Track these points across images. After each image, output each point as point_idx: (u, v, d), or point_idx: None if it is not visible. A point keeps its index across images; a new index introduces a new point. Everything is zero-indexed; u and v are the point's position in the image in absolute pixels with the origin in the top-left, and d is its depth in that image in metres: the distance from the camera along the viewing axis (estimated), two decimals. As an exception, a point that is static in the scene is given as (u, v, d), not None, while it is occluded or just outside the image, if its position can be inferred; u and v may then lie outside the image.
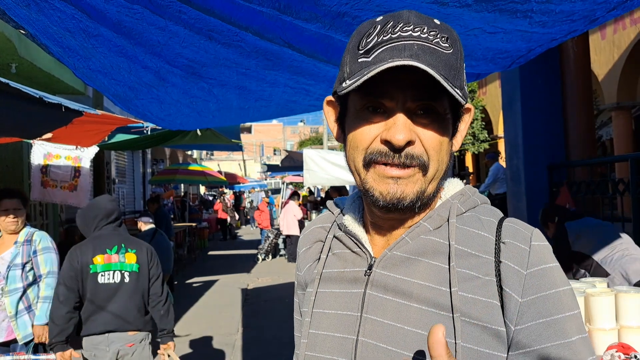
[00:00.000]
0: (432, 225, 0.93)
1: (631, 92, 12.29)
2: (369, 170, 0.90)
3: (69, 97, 8.40)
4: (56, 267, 3.98)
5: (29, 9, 1.77)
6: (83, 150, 7.68)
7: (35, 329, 3.80)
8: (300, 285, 1.13)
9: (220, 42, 2.21)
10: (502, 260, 0.88)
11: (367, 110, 0.89)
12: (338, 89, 0.90)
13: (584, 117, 5.51)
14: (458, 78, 0.86)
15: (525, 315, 0.86)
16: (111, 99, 3.21)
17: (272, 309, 8.01)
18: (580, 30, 2.07)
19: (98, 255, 3.44)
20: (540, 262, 0.88)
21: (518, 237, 0.90)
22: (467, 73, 2.87)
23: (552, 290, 0.87)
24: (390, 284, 0.92)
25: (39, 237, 3.96)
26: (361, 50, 0.87)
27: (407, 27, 0.84)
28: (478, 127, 18.56)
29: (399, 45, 0.83)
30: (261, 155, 59.99)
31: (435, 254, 0.91)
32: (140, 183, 17.10)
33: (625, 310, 2.22)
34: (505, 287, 0.87)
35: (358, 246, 0.98)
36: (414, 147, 0.87)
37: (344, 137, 0.96)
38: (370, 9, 1.78)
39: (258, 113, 4.09)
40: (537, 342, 0.85)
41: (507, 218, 0.96)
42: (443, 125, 0.89)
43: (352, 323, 0.93)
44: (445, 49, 0.85)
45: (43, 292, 3.87)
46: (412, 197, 0.88)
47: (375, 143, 0.88)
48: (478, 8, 1.74)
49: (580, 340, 0.86)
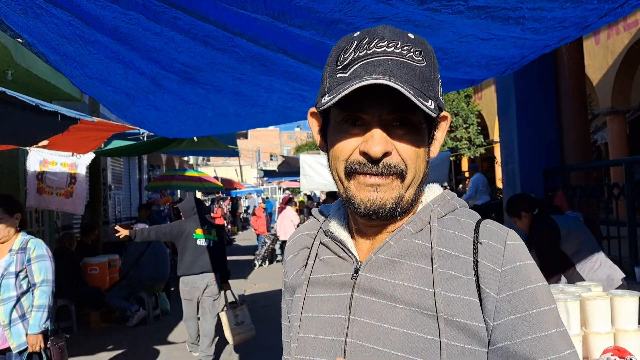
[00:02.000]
0: (414, 229, 0.98)
1: (625, 96, 12.35)
2: (350, 180, 0.95)
3: (65, 103, 8.40)
4: (50, 275, 3.90)
5: (26, 16, 1.78)
6: (79, 157, 7.67)
7: (29, 338, 3.74)
8: (287, 291, 1.16)
9: (215, 47, 2.23)
10: (479, 259, 0.93)
11: (346, 123, 0.93)
12: (318, 104, 0.95)
13: (579, 121, 5.54)
14: (432, 89, 0.91)
15: (501, 311, 0.89)
16: (108, 107, 3.22)
17: (269, 315, 7.99)
18: (572, 36, 2.09)
19: (198, 229, 5.79)
20: (514, 260, 0.92)
21: (494, 237, 0.95)
22: (462, 79, 2.90)
23: (527, 287, 0.90)
24: (376, 286, 0.95)
25: (34, 245, 3.89)
26: (339, 66, 0.92)
27: (381, 43, 0.89)
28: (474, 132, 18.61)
29: (374, 61, 0.88)
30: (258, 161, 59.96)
31: (418, 256, 0.95)
32: (137, 189, 17.07)
33: (620, 314, 2.23)
34: (482, 285, 0.91)
35: (344, 251, 1.02)
36: (391, 158, 0.91)
37: (327, 147, 1.01)
38: (363, 15, 1.80)
39: (254, 120, 4.10)
40: (513, 337, 0.88)
41: (484, 220, 1.00)
42: (419, 135, 0.94)
43: (341, 325, 0.96)
44: (418, 62, 0.89)
45: (37, 301, 3.79)
46: (392, 203, 0.93)
47: (354, 154, 0.93)
48: (470, 15, 1.76)
49: (557, 334, 0.89)
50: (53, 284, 3.89)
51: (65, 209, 7.91)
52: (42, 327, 3.73)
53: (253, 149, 61.25)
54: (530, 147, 5.54)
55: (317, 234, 1.10)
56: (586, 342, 2.21)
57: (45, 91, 8.31)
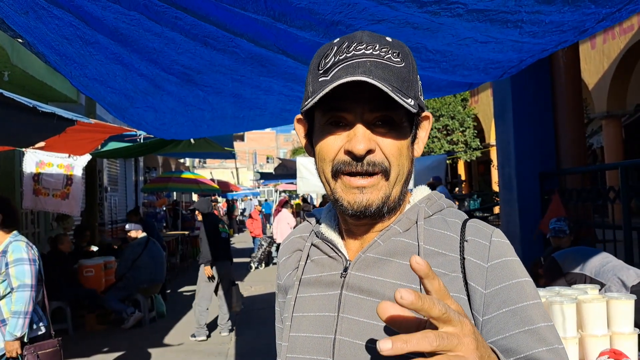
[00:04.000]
0: (402, 228, 1.00)
1: (621, 101, 12.43)
2: (337, 181, 0.97)
3: (61, 105, 8.38)
4: (29, 279, 3.67)
5: (27, 16, 1.78)
6: (75, 159, 7.66)
7: (6, 344, 3.57)
8: (280, 293, 1.18)
9: (215, 48, 2.23)
10: (466, 257, 0.95)
11: (330, 125, 0.97)
12: (303, 106, 0.97)
13: (575, 125, 5.57)
14: (411, 89, 0.94)
15: (490, 305, 0.91)
16: (106, 107, 3.21)
17: (265, 318, 7.98)
18: (570, 40, 2.11)
19: (220, 224, 7.48)
20: (500, 255, 0.95)
21: (479, 235, 0.97)
22: (460, 82, 2.91)
23: (514, 281, 0.92)
24: (364, 284, 0.97)
25: (12, 249, 3.70)
26: (321, 70, 0.94)
27: (360, 46, 0.92)
28: (470, 135, 18.68)
29: (354, 63, 0.91)
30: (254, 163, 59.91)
31: (405, 254, 0.97)
32: (133, 191, 17.02)
33: (617, 317, 2.24)
34: (470, 281, 0.93)
35: (334, 251, 1.04)
36: (374, 155, 0.94)
37: (313, 151, 1.03)
38: (363, 17, 1.81)
39: (253, 122, 4.10)
40: (505, 330, 0.90)
41: (470, 219, 1.03)
42: (401, 133, 0.96)
43: (330, 323, 0.98)
44: (396, 63, 0.92)
45: (14, 307, 3.61)
46: (378, 202, 0.95)
47: (340, 154, 0.95)
48: (469, 18, 1.77)
49: (546, 327, 0.91)
50: (32, 290, 3.70)
51: (61, 210, 7.89)
52: (17, 333, 3.58)
53: (249, 151, 61.24)
54: (526, 151, 5.56)
55: (309, 236, 1.13)
56: (582, 345, 2.22)
57: (42, 92, 8.30)
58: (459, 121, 18.52)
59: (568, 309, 2.17)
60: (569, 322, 2.17)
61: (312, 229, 1.14)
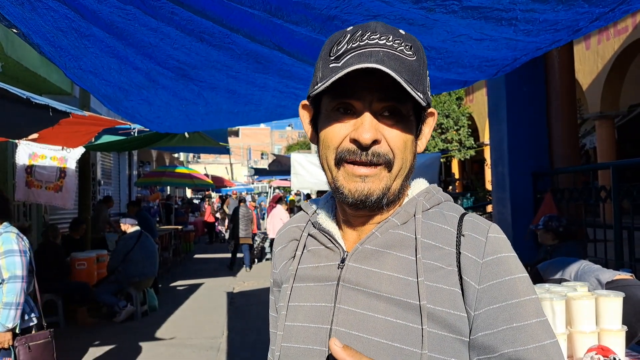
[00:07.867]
0: (400, 221, 1.00)
1: (614, 101, 12.50)
2: (339, 169, 0.97)
3: (55, 97, 8.34)
4: (20, 271, 3.70)
5: (22, 7, 1.78)
6: (69, 151, 7.62)
7: None
8: (276, 283, 1.18)
9: (211, 44, 2.23)
10: (461, 251, 0.95)
11: (337, 111, 0.96)
12: (311, 91, 0.97)
13: (568, 125, 5.60)
14: (421, 83, 0.93)
15: (482, 301, 0.92)
16: (100, 99, 3.20)
17: (257, 313, 7.99)
18: (564, 39, 2.13)
19: None
20: (495, 251, 0.95)
21: (476, 230, 0.98)
22: (455, 80, 2.93)
23: (507, 277, 0.93)
24: (361, 275, 0.98)
25: (2, 240, 3.70)
26: (332, 57, 0.94)
27: (374, 36, 0.92)
28: (465, 134, 18.71)
29: (366, 51, 0.90)
30: (248, 159, 59.80)
31: (402, 246, 0.98)
32: (126, 185, 16.97)
33: (605, 314, 2.27)
34: (464, 275, 0.94)
35: (331, 242, 1.04)
36: (380, 146, 0.94)
37: (317, 138, 1.03)
38: (359, 12, 1.82)
39: (247, 117, 4.11)
40: (493, 326, 0.91)
41: (468, 213, 1.03)
42: (407, 126, 0.97)
43: (326, 313, 0.98)
44: (409, 56, 0.92)
45: (4, 298, 3.63)
46: (379, 193, 0.95)
47: (345, 142, 0.95)
48: (464, 15, 1.78)
49: (537, 324, 0.91)
50: (23, 281, 3.72)
51: (54, 203, 7.86)
52: (8, 325, 3.60)
53: (244, 147, 61.11)
54: (519, 150, 5.59)
55: (305, 226, 1.13)
56: (571, 341, 2.25)
57: (35, 84, 8.25)
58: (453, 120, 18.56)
59: (557, 306, 2.19)
60: (558, 319, 2.19)
61: (308, 219, 1.14)
